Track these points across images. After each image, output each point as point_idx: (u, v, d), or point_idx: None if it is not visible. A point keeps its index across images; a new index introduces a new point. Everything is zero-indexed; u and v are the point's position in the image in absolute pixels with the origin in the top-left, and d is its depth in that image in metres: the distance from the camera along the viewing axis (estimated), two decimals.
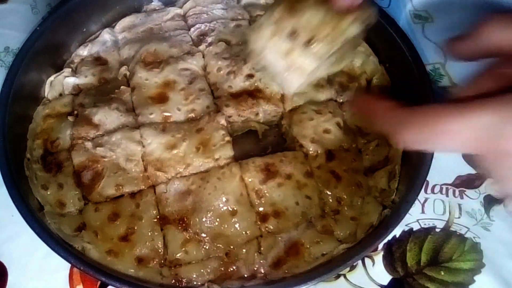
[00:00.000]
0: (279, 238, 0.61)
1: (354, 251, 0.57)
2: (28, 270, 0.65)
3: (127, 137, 0.65)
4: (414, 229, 0.71)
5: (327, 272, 0.55)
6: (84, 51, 0.76)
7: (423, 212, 0.72)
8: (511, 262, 0.68)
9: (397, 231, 0.70)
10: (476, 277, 0.67)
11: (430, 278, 0.67)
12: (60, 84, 0.73)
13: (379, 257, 0.68)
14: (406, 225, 0.71)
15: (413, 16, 0.94)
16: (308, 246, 0.60)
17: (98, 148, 0.64)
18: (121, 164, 0.64)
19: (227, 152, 0.65)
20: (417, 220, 0.71)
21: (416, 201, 0.69)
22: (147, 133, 0.66)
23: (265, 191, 0.63)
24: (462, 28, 0.84)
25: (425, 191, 0.74)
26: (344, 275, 0.67)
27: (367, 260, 0.68)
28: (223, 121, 0.67)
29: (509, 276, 0.67)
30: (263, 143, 0.72)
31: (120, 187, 0.62)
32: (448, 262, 0.68)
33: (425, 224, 0.71)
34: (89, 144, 0.65)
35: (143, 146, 0.65)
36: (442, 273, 0.67)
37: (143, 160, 0.65)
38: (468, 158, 0.72)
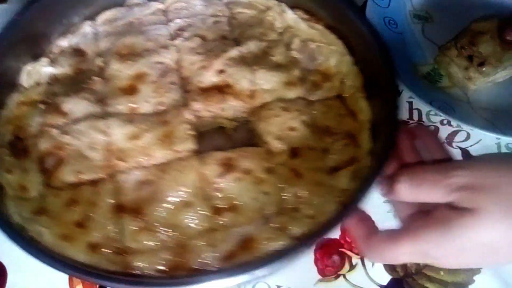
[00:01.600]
0: (233, 232, 0.61)
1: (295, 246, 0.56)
2: (28, 270, 0.66)
3: (92, 126, 0.66)
4: None
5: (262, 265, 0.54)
6: (64, 42, 0.78)
7: None
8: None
9: None
10: (475, 277, 0.67)
11: (429, 278, 0.67)
12: (37, 73, 0.74)
13: None
14: None
15: (412, 16, 0.94)
16: (261, 242, 0.60)
17: (64, 136, 0.66)
18: (84, 152, 0.65)
19: (189, 145, 0.66)
20: None
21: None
22: (113, 123, 0.67)
23: (222, 185, 0.63)
24: (462, 28, 0.83)
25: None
26: (344, 275, 0.68)
27: (366, 260, 0.69)
28: (188, 115, 0.68)
29: (508, 276, 0.67)
30: (233, 139, 0.73)
31: (81, 174, 0.63)
32: None
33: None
34: (55, 132, 0.66)
35: (107, 136, 0.66)
36: (442, 273, 0.68)
37: (105, 150, 0.65)
38: None
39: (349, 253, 0.70)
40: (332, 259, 0.69)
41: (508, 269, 0.67)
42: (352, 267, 0.68)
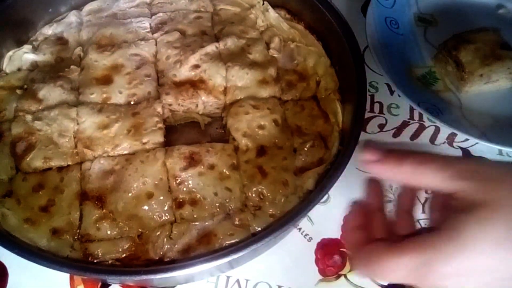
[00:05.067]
0: (193, 226, 0.61)
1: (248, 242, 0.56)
2: (29, 270, 0.66)
3: (64, 114, 0.67)
4: None
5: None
6: (49, 30, 0.80)
7: (423, 212, 0.71)
8: None
9: None
10: None
11: None
12: (19, 59, 0.76)
13: None
14: None
15: (417, 19, 0.94)
16: (221, 237, 0.60)
17: (36, 122, 0.67)
18: (54, 138, 0.66)
19: (157, 138, 0.66)
20: (417, 220, 0.70)
21: (417, 201, 0.70)
22: (83, 111, 0.68)
23: (184, 178, 0.63)
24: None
25: (426, 191, 0.72)
26: (345, 275, 0.68)
27: None
28: (159, 109, 0.69)
29: None
30: (207, 134, 0.74)
31: (48, 160, 0.64)
32: None
33: (425, 224, 0.70)
34: (29, 117, 0.67)
35: (77, 124, 0.67)
36: None
37: (74, 137, 0.66)
38: None
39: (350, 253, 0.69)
40: (333, 259, 0.69)
41: None
42: None
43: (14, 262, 0.68)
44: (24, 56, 0.76)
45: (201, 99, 0.71)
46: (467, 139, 0.79)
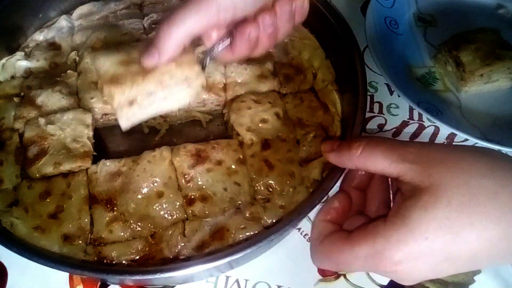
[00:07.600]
0: (205, 222, 0.62)
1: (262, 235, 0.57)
2: (28, 270, 0.66)
3: (78, 119, 0.67)
4: None
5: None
6: (40, 36, 0.79)
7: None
8: None
9: None
10: (476, 277, 0.68)
11: None
12: (13, 66, 0.75)
13: None
14: None
15: (416, 19, 0.95)
16: (233, 231, 0.61)
17: (49, 126, 0.66)
18: (67, 143, 0.65)
19: None
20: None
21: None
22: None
23: (193, 176, 0.64)
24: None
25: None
26: (344, 275, 0.68)
27: None
28: None
29: (508, 276, 0.68)
30: (208, 131, 0.74)
31: (58, 165, 0.63)
32: None
33: None
34: (42, 121, 0.67)
35: (91, 130, 0.67)
36: None
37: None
38: None
39: None
40: None
41: (507, 269, 0.68)
42: None
43: (14, 262, 0.67)
44: (17, 64, 0.74)
45: (202, 97, 0.71)
46: (466, 139, 0.79)
